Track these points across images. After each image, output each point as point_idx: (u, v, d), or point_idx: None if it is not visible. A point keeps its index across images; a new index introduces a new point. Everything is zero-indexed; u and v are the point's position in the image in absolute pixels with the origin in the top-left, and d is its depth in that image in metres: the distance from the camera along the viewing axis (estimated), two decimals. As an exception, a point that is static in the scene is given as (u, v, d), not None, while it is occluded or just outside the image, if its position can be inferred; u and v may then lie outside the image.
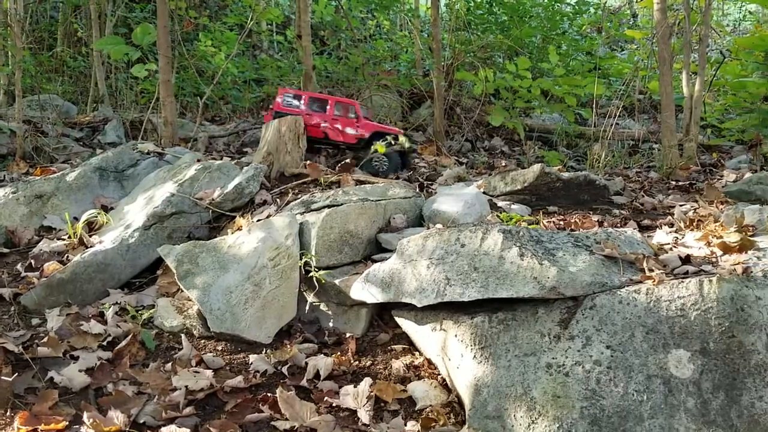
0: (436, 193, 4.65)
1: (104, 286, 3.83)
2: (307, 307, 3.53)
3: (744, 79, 8.07)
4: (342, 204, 3.82)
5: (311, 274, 3.47)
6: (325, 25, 12.25)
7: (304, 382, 3.03)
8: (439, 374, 3.08)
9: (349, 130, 5.74)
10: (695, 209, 4.15)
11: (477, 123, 8.50)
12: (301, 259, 3.56)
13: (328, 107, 5.74)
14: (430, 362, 3.17)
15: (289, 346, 3.33)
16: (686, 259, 2.88)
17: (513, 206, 4.44)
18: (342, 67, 10.40)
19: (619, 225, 4.12)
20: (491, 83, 7.57)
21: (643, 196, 4.94)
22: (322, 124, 5.67)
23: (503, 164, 6.81)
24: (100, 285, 3.82)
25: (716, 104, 9.32)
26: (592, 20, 12.55)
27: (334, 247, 3.65)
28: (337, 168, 5.09)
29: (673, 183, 5.53)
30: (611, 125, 6.30)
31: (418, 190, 4.62)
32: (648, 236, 3.49)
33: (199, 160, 5.08)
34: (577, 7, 11.68)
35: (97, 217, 4.37)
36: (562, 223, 4.11)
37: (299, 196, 4.33)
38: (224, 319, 3.41)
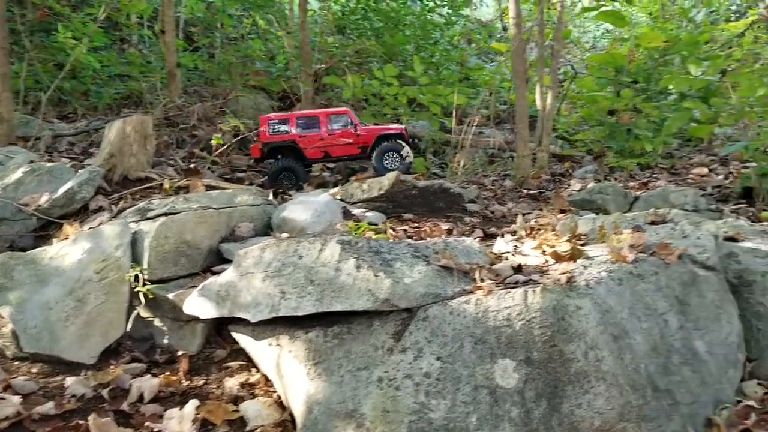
0: (291, 200, 4.51)
1: None
2: (131, 324, 3.26)
3: (595, 93, 8.60)
4: (180, 212, 3.58)
5: (138, 288, 3.21)
6: (197, 21, 11.78)
7: (125, 406, 2.77)
8: (276, 392, 2.94)
9: (350, 141, 5.47)
10: (538, 218, 4.31)
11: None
12: (132, 271, 3.30)
13: (320, 123, 5.43)
14: (267, 379, 3.02)
15: (114, 367, 3.06)
16: (518, 269, 2.93)
17: (368, 214, 4.39)
18: (212, 65, 10.02)
19: (468, 233, 4.19)
20: (359, 89, 7.55)
21: (494, 204, 5.07)
22: (320, 143, 5.33)
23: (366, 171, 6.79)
24: None
25: (573, 116, 9.89)
26: (462, 32, 12.95)
27: (169, 259, 3.40)
28: (184, 172, 4.82)
29: (525, 191, 5.74)
30: (470, 134, 6.47)
31: (271, 197, 4.45)
32: (489, 245, 3.55)
33: (31, 161, 4.62)
34: (448, 18, 11.99)
35: None
36: (414, 230, 4.11)
37: (138, 202, 4.03)
38: (40, 338, 3.07)
